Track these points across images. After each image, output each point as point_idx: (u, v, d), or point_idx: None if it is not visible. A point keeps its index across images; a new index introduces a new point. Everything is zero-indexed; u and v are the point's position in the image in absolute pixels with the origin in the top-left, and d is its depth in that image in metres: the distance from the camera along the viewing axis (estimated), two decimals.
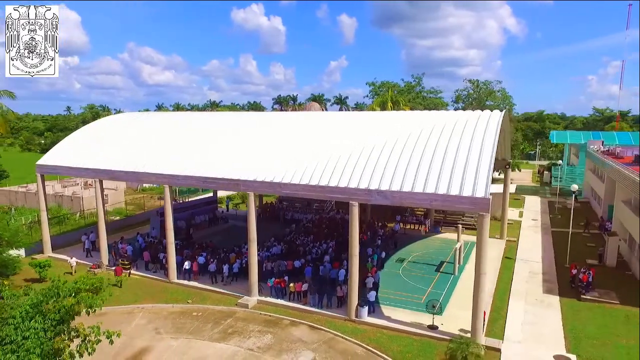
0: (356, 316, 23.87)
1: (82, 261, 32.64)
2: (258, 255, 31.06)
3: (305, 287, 25.85)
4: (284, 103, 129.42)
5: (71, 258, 30.94)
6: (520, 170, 78.46)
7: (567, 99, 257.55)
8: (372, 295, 24.69)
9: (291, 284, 26.17)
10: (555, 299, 26.99)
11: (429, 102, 47.56)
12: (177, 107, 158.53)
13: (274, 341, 22.28)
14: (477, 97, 69.42)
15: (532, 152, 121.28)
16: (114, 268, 31.15)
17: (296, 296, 26.16)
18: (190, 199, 53.37)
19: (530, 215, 50.23)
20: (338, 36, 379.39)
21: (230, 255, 30.47)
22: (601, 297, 26.42)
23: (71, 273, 30.33)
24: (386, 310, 25.09)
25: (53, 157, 34.07)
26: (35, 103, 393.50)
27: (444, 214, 47.59)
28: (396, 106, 43.92)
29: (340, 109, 74.61)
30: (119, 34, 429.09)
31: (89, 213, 49.48)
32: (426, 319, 23.52)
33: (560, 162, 71.21)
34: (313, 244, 34.08)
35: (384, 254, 32.45)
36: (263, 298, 26.65)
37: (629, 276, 30.38)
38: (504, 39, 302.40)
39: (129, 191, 66.57)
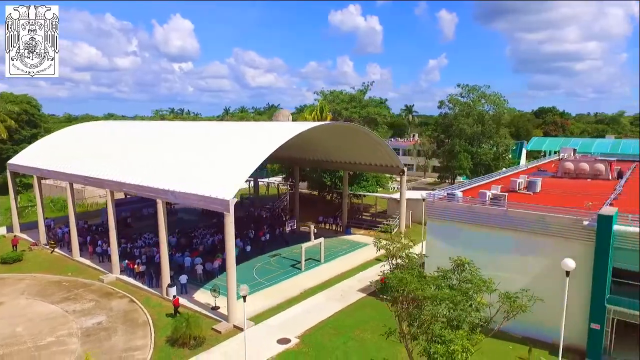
0: (166, 294, 28.94)
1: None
2: (145, 241, 37.41)
3: (142, 268, 31.52)
4: None
5: None
6: None
7: None
8: (183, 279, 29.58)
9: (135, 266, 31.96)
10: (358, 296, 29.51)
11: (365, 112, 49.58)
12: (242, 111, 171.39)
13: (91, 307, 28.29)
14: (465, 102, 68.75)
15: None
16: (46, 246, 39.63)
17: (139, 276, 31.87)
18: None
19: None
20: (437, 33, 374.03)
21: (122, 240, 37.03)
22: None
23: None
24: (199, 292, 29.77)
25: (19, 158, 43.58)
26: (152, 105, 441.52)
27: (372, 216, 49.98)
28: (322, 114, 47.22)
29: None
30: (226, 40, 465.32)
31: (87, 203, 59.75)
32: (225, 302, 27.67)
33: None
34: (204, 236, 39.51)
35: (249, 248, 36.73)
36: (121, 276, 32.76)
37: None
38: (630, 29, 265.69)
39: None
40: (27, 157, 42.43)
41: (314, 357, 22.26)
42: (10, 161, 43.81)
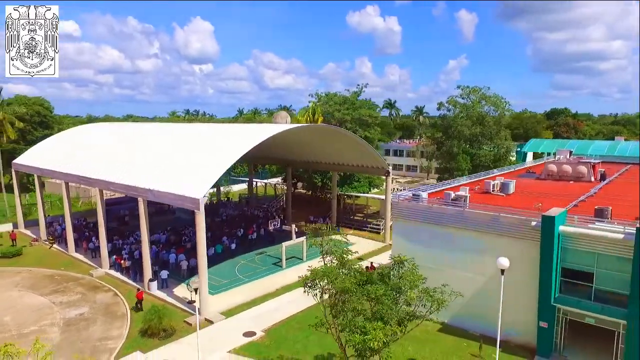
0: (148, 289, 30.40)
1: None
2: (136, 238, 39.02)
3: (128, 263, 33.08)
4: None
5: None
6: None
7: None
8: (163, 274, 31.02)
9: (122, 261, 33.54)
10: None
11: (357, 114, 50.37)
12: (254, 112, 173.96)
13: (77, 299, 29.94)
14: (464, 104, 68.89)
15: None
16: (46, 242, 41.67)
17: (125, 271, 33.43)
18: None
19: None
20: (457, 34, 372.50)
21: (114, 237, 38.74)
22: None
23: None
24: (179, 287, 31.13)
25: (22, 158, 45.81)
26: (173, 107, 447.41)
27: (365, 217, 50.77)
28: (314, 116, 48.29)
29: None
30: (246, 42, 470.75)
31: (92, 201, 62.10)
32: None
33: None
34: (194, 233, 40.90)
35: (234, 246, 38.00)
36: (110, 271, 34.39)
37: None
38: None
39: None
40: (30, 157, 44.63)
41: (274, 349, 23.34)
42: (15, 161, 46.05)
